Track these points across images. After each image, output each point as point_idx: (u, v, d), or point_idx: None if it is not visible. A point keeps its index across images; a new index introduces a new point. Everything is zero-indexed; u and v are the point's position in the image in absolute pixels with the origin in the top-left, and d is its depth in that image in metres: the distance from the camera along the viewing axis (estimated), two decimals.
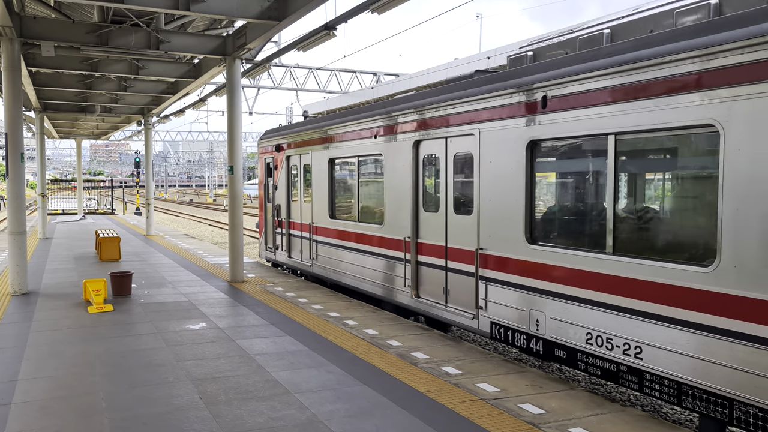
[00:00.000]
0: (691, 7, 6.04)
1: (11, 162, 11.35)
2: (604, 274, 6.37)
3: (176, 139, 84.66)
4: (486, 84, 7.97)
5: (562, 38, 7.60)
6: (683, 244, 5.85)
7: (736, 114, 5.11)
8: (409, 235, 9.68)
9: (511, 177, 7.58)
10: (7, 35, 11.18)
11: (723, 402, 5.27)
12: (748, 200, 5.05)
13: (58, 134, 36.20)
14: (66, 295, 11.56)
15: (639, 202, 6.39)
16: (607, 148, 6.40)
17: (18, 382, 6.53)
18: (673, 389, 5.73)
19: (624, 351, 6.16)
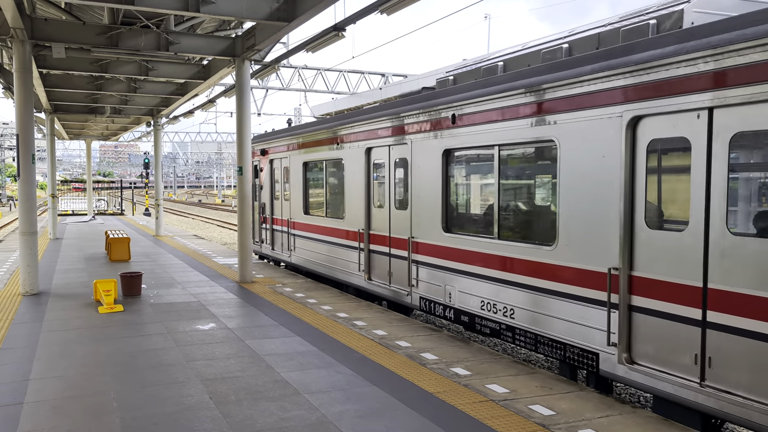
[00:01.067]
0: (551, 49, 7.89)
1: (23, 163, 11.42)
2: (492, 254, 8.22)
3: (185, 140, 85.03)
4: (417, 102, 9.77)
5: (472, 67, 9.39)
6: (539, 230, 7.74)
7: (566, 133, 7.00)
8: (363, 227, 11.51)
9: (432, 179, 9.40)
10: (19, 37, 11.26)
11: (561, 346, 7.13)
12: (572, 199, 6.95)
13: (68, 135, 36.43)
14: (76, 295, 11.63)
15: (514, 199, 8.27)
16: (494, 156, 8.23)
17: (30, 382, 6.58)
18: (532, 339, 7.59)
19: (503, 313, 8.05)
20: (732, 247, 5.30)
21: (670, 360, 5.86)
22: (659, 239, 5.98)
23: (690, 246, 5.66)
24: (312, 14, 9.94)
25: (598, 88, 6.56)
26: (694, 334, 5.64)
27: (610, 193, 6.45)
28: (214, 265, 15.91)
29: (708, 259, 5.50)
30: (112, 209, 44.12)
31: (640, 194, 6.21)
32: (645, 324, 6.14)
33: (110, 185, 68.35)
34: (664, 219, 6.09)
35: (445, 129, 9.09)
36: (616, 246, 6.34)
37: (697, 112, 5.61)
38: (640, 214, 6.20)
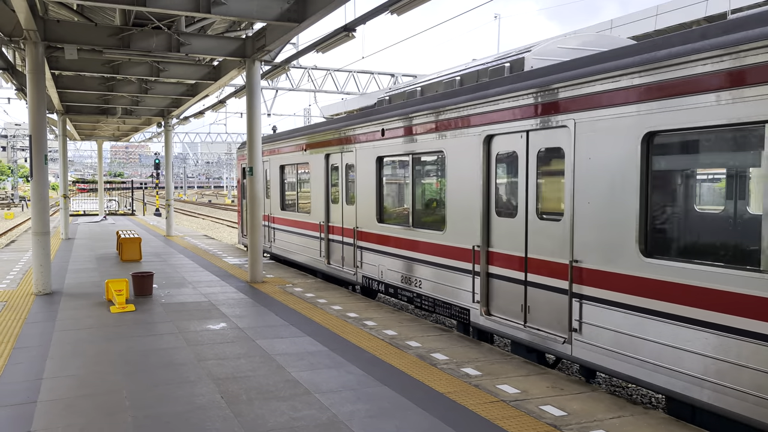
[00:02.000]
0: (449, 80, 10.21)
1: (35, 164, 11.51)
2: (409, 239, 10.56)
3: (195, 141, 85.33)
4: (363, 117, 12.08)
5: (404, 89, 11.53)
6: (435, 220, 10.03)
7: (449, 145, 9.29)
8: (323, 220, 13.83)
9: (371, 180, 11.70)
10: (32, 39, 11.35)
11: (449, 305, 9.46)
12: (453, 196, 9.27)
13: (79, 136, 36.69)
14: (88, 294, 11.71)
15: (422, 196, 10.62)
16: (409, 163, 10.60)
17: (43, 381, 6.63)
18: (433, 304, 9.87)
19: (415, 284, 10.37)
20: (539, 228, 7.72)
21: (509, 310, 8.22)
22: (503, 224, 8.37)
23: (519, 228, 8.03)
24: (322, 15, 9.95)
25: (469, 113, 8.82)
26: (520, 290, 8.03)
27: (476, 191, 8.70)
28: (224, 265, 15.97)
29: (528, 236, 7.89)
30: (123, 209, 44.39)
31: (493, 192, 8.52)
32: (495, 286, 8.51)
33: (121, 186, 68.80)
34: (507, 209, 8.32)
35: (377, 140, 11.39)
36: (479, 229, 8.68)
37: (520, 134, 7.92)
38: (492, 206, 8.51)
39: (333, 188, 13.48)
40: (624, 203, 6.41)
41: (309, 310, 10.31)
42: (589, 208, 6.87)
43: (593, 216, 6.80)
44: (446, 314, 9.50)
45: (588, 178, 6.87)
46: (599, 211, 6.73)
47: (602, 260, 6.67)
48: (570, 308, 6.99)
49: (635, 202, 6.29)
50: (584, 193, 6.92)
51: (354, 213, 12.37)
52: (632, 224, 6.30)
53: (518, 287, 8.04)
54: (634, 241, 6.25)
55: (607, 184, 6.61)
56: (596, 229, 6.77)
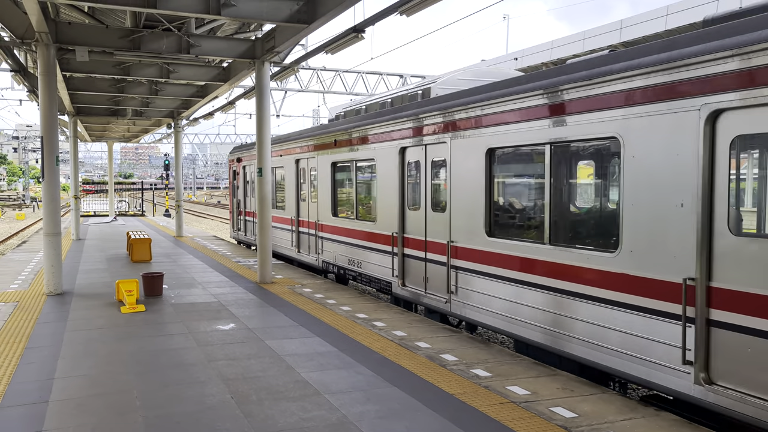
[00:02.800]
0: (382, 101, 12.67)
1: (47, 165, 11.59)
2: (353, 229, 13.02)
3: (204, 142, 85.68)
4: (319, 130, 14.78)
5: (354, 107, 13.86)
6: (369, 212, 12.40)
7: (378, 155, 11.67)
8: (294, 215, 15.87)
9: (325, 180, 14.32)
10: (44, 41, 11.43)
11: (378, 280, 11.95)
12: (380, 194, 11.60)
13: (90, 137, 36.91)
14: (99, 295, 11.77)
15: (362, 194, 12.88)
16: (353, 168, 13.04)
17: (55, 380, 6.67)
18: (368, 279, 12.39)
19: (357, 265, 12.84)
20: (433, 218, 10.21)
21: (417, 281, 10.63)
22: (412, 215, 10.77)
23: (421, 218, 10.49)
24: (332, 16, 9.97)
25: (390, 129, 11.29)
26: (421, 265, 10.46)
27: (396, 190, 11.16)
28: (233, 265, 16.02)
29: (427, 224, 10.37)
30: (133, 210, 44.61)
31: (407, 191, 10.98)
32: (408, 263, 10.91)
33: (131, 187, 69.15)
34: (414, 204, 10.73)
35: (332, 149, 13.99)
36: (397, 219, 11.16)
37: (421, 147, 10.39)
38: (406, 202, 10.97)
39: (301, 188, 15.87)
40: (477, 199, 8.90)
41: (318, 310, 10.32)
42: (459, 203, 9.36)
43: (461, 208, 9.31)
44: (377, 287, 12.05)
45: (458, 181, 9.35)
46: (464, 205, 9.23)
47: (465, 239, 9.22)
48: (448, 276, 9.56)
49: (483, 198, 8.79)
50: (456, 192, 9.41)
51: (316, 208, 14.76)
52: (482, 214, 8.83)
53: (419, 263, 10.63)
54: (483, 226, 8.78)
55: (469, 185, 9.10)
56: (464, 217, 9.24)
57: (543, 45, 22.67)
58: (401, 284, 11.01)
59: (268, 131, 13.32)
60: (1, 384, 6.53)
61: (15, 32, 11.39)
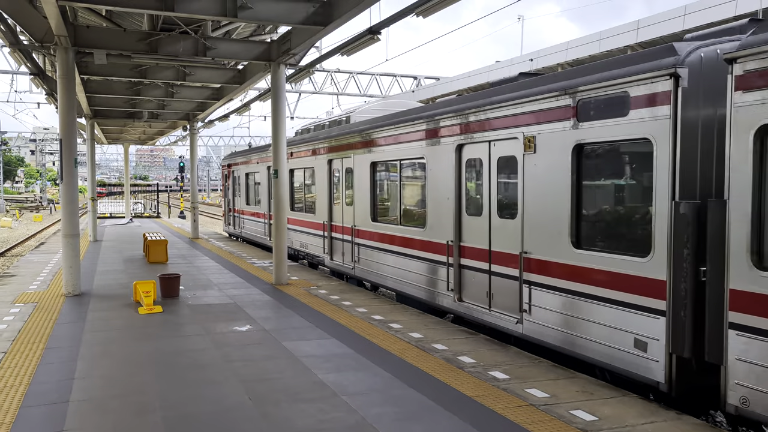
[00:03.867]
0: (338, 120, 15.82)
1: (65, 167, 11.70)
2: (305, 221, 16.50)
3: (218, 144, 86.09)
4: (297, 143, 17.43)
5: (309, 126, 17.81)
6: (307, 206, 16.54)
7: (317, 165, 15.73)
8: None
9: (286, 183, 15.20)
10: (63, 44, 11.54)
11: (315, 256, 15.92)
12: (319, 194, 15.68)
13: (106, 140, 37.22)
14: (117, 296, 11.86)
15: (307, 194, 16.60)
16: (304, 174, 16.73)
17: (74, 381, 6.72)
18: (311, 257, 16.21)
19: (304, 247, 16.59)
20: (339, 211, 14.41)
21: (340, 255, 14.18)
22: (338, 209, 14.60)
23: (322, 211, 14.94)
24: (348, 18, 9.98)
25: (320, 146, 15.28)
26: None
27: (325, 193, 15.03)
28: (249, 267, 16.07)
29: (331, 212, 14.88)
30: (149, 212, 44.93)
31: (331, 194, 15.45)
32: (335, 242, 13.82)
33: (146, 189, 69.61)
34: (300, 204, 16.58)
35: (290, 159, 17.38)
36: (326, 211, 15.08)
37: (342, 159, 14.37)
38: (331, 201, 15.07)
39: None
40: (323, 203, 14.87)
41: (334, 312, 10.33)
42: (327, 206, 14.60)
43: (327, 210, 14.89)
44: (315, 262, 16.24)
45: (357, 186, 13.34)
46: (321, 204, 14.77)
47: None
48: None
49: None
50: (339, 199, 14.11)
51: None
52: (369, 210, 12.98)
53: (320, 239, 15.45)
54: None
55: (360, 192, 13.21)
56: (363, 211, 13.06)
57: (559, 46, 22.57)
58: (330, 259, 11.62)
59: (284, 133, 13.36)
60: (22, 384, 6.60)
61: (35, 36, 11.51)
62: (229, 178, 26.10)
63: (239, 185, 24.14)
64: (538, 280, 7.90)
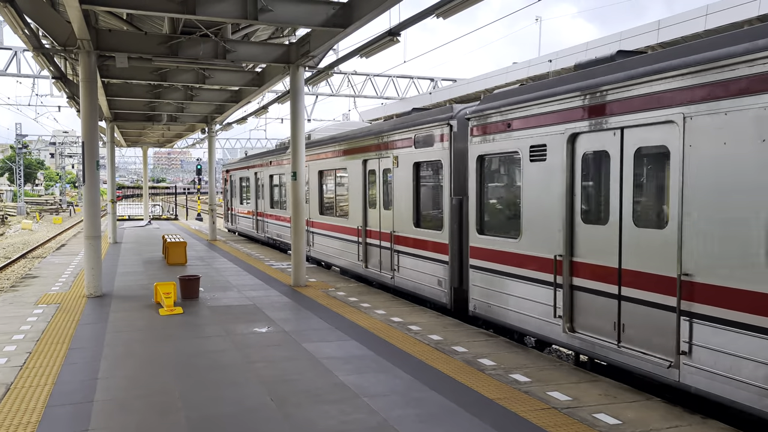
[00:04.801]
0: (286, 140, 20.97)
1: (88, 170, 11.83)
2: (274, 215, 21.85)
3: (235, 147, 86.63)
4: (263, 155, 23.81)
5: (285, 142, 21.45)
6: (280, 202, 21.28)
7: (260, 174, 23.64)
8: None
9: (268, 185, 22.06)
10: (85, 48, 11.68)
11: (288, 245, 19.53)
12: (272, 192, 22.49)
13: (126, 143, 37.60)
14: (137, 297, 11.96)
15: (282, 193, 21.17)
16: (277, 178, 21.83)
17: (98, 381, 6.79)
18: (286, 246, 19.99)
19: (280, 237, 21.26)
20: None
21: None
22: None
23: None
24: (368, 20, 10.00)
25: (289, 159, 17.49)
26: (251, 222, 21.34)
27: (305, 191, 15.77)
28: (267, 269, 16.14)
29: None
30: (167, 214, 45.30)
31: (270, 196, 22.29)
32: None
33: (164, 191, 70.19)
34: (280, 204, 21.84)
35: (270, 166, 22.09)
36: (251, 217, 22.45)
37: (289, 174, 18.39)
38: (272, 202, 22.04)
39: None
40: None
41: (353, 314, 10.33)
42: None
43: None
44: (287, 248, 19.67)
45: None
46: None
47: None
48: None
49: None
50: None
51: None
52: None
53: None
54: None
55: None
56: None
57: (578, 47, 22.44)
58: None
59: (302, 135, 13.40)
60: (47, 384, 6.67)
61: (57, 39, 11.66)
62: (227, 182, 30.81)
63: (235, 188, 29.02)
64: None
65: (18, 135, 62.71)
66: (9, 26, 11.49)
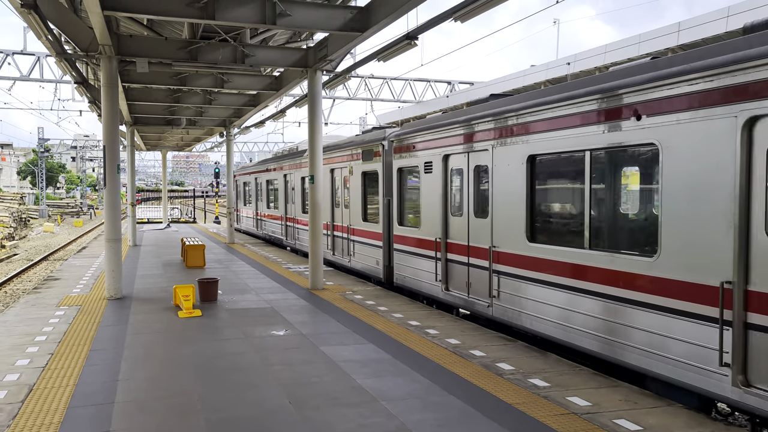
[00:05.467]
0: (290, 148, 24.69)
1: (109, 173, 11.97)
2: (274, 215, 24.73)
3: (253, 150, 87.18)
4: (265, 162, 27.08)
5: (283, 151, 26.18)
6: (274, 204, 25.10)
7: (289, 176, 22.69)
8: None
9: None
10: (106, 53, 11.83)
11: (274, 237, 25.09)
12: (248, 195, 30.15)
13: (146, 146, 38.00)
14: (157, 299, 12.07)
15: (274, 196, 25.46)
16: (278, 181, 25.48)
17: (119, 382, 6.86)
18: (276, 239, 24.43)
19: (273, 233, 24.95)
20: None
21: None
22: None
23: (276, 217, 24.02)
24: (385, 24, 10.02)
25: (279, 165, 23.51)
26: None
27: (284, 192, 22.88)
28: (284, 272, 16.21)
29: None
30: (185, 217, 45.67)
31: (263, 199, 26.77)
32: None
33: (183, 194, 70.80)
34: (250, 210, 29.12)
35: (267, 172, 25.57)
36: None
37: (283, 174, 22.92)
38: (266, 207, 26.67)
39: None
40: None
41: (370, 317, 10.34)
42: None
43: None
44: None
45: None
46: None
47: None
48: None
49: None
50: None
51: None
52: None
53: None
54: None
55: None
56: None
57: (597, 49, 22.28)
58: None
59: (320, 139, 13.46)
60: (69, 385, 6.75)
61: (80, 45, 11.83)
62: (237, 184, 34.39)
63: (239, 192, 33.37)
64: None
65: (40, 139, 63.62)
66: (33, 32, 11.68)
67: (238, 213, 33.40)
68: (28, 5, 9.60)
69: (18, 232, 41.77)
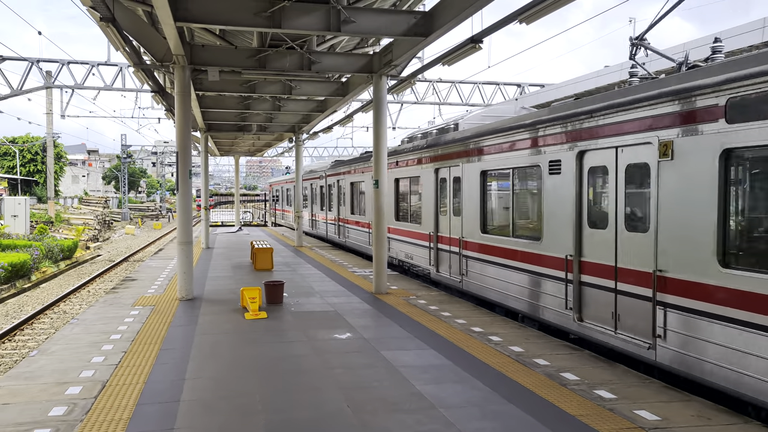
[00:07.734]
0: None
1: (181, 178, 12.42)
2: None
3: (323, 155, 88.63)
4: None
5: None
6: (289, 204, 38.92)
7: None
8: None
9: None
10: (180, 63, 12.30)
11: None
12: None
13: (219, 152, 39.25)
14: (225, 301, 12.41)
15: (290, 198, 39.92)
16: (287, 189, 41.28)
17: (185, 381, 7.08)
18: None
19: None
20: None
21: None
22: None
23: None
24: (449, 28, 9.96)
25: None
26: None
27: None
28: (349, 275, 16.34)
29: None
30: (257, 221, 46.88)
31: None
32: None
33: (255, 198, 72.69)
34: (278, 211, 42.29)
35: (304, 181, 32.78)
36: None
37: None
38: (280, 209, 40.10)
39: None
40: None
41: (433, 322, 10.27)
42: None
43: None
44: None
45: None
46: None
47: None
48: None
49: None
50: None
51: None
52: None
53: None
54: None
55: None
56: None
57: (675, 47, 21.36)
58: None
59: (385, 144, 13.50)
60: (139, 382, 7.03)
61: (155, 56, 12.34)
62: (269, 193, 42.83)
63: (275, 196, 43.20)
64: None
65: (123, 145, 66.87)
66: (112, 44, 12.27)
67: (274, 211, 39.27)
68: (107, 19, 10.09)
69: (102, 234, 44.02)
